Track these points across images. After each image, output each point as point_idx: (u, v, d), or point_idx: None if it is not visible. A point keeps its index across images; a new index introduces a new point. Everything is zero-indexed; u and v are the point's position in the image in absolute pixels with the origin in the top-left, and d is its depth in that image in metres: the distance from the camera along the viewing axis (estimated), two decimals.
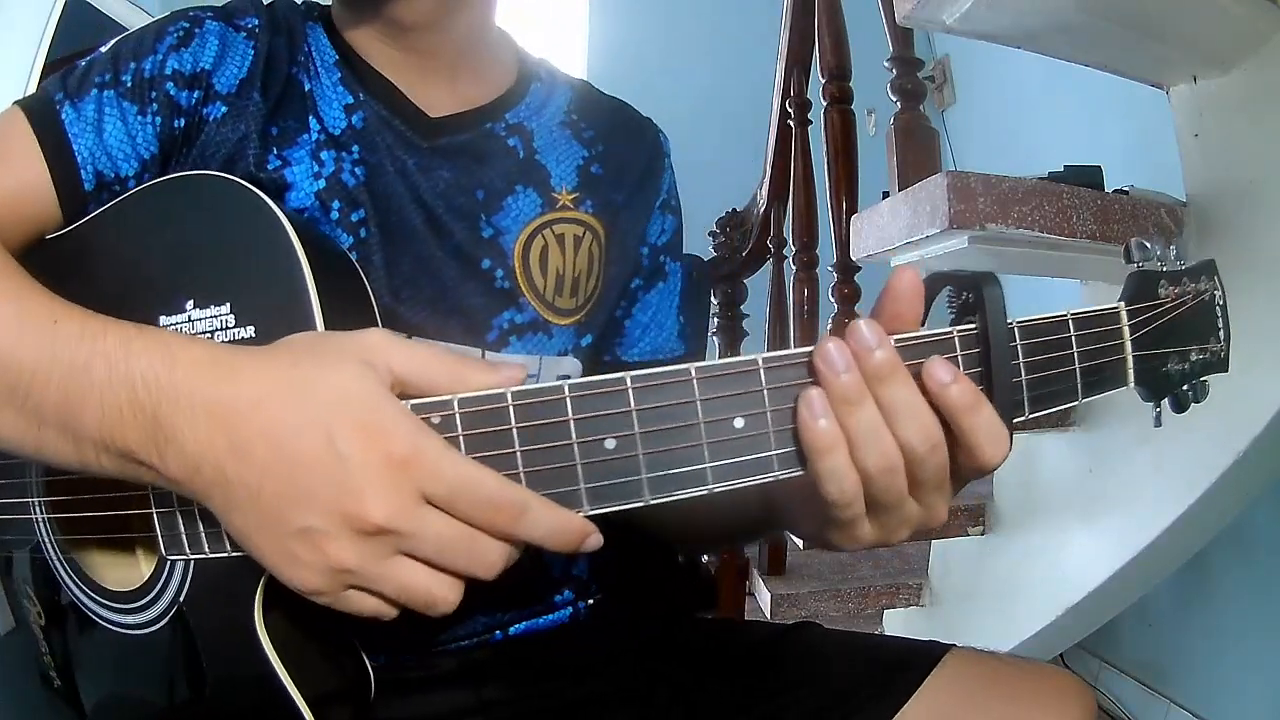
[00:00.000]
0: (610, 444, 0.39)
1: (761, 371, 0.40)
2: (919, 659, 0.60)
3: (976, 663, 0.60)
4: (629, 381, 0.39)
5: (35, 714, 0.60)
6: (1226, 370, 0.50)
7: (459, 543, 0.38)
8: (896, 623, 1.72)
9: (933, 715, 0.58)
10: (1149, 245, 0.47)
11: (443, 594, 0.39)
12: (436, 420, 0.39)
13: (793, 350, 0.40)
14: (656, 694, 0.63)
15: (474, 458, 0.38)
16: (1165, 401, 0.48)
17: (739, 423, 0.39)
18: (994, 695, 0.58)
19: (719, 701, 0.62)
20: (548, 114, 0.68)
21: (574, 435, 0.39)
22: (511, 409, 0.39)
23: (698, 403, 0.39)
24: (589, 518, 0.40)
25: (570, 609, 0.68)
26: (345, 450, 0.37)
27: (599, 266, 0.66)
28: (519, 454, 0.39)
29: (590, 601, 0.69)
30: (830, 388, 0.38)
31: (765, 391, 0.40)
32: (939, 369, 0.39)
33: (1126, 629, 1.83)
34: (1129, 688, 1.85)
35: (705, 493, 0.40)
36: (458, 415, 0.39)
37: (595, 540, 0.40)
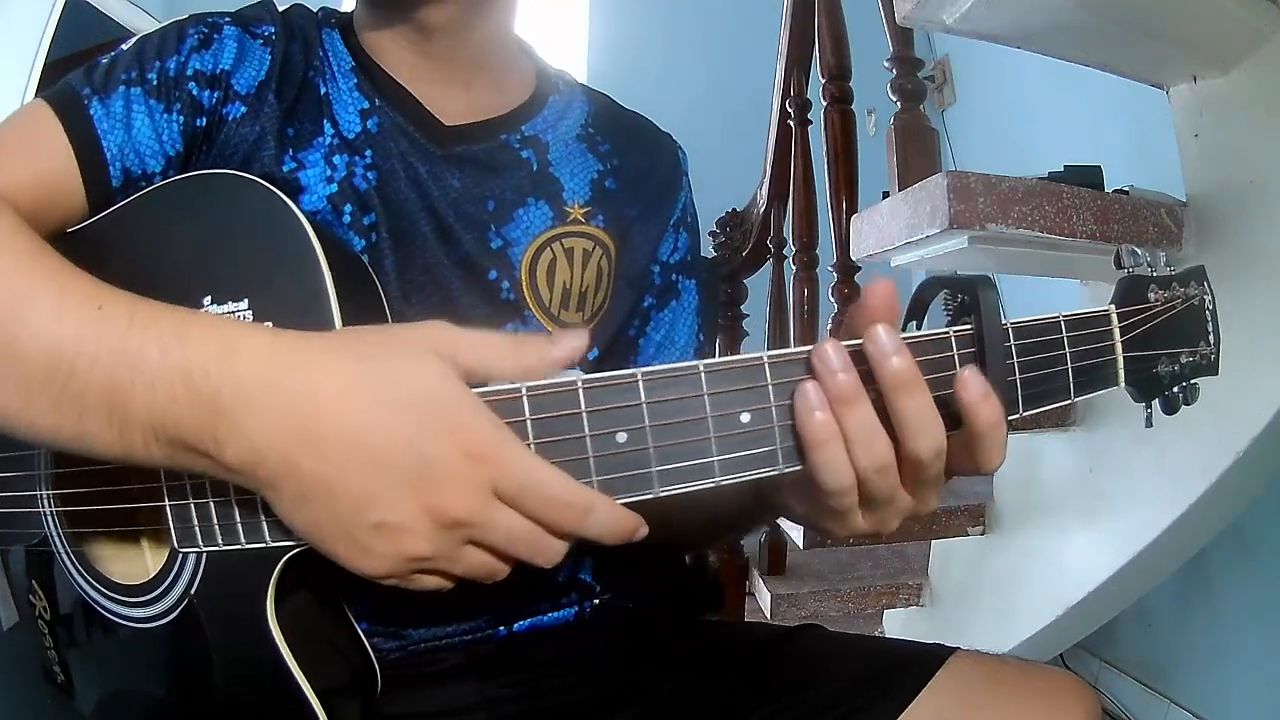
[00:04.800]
0: (621, 437, 0.40)
1: (767, 367, 0.41)
2: (922, 661, 0.60)
3: (980, 664, 0.61)
4: (640, 376, 0.40)
5: (36, 710, 0.60)
6: (1216, 374, 0.51)
7: (525, 536, 0.39)
8: (896, 623, 1.72)
9: (936, 717, 0.58)
10: (1139, 252, 0.49)
11: (500, 568, 0.41)
12: None
13: (796, 348, 0.41)
14: (658, 694, 0.63)
15: None
16: (1156, 403, 0.50)
17: (745, 417, 0.41)
18: (998, 697, 0.59)
19: (720, 702, 0.62)
20: (564, 127, 0.68)
21: (587, 428, 0.40)
22: (525, 400, 0.40)
23: (705, 397, 0.40)
24: None
25: (575, 608, 0.68)
26: (426, 447, 0.37)
27: (608, 281, 0.67)
28: (532, 446, 0.40)
29: (596, 601, 0.69)
30: (826, 386, 0.39)
31: (770, 387, 0.41)
32: (975, 383, 0.40)
33: (1126, 629, 1.83)
34: (1129, 688, 1.85)
35: (713, 485, 0.41)
36: None
37: (644, 530, 0.41)
